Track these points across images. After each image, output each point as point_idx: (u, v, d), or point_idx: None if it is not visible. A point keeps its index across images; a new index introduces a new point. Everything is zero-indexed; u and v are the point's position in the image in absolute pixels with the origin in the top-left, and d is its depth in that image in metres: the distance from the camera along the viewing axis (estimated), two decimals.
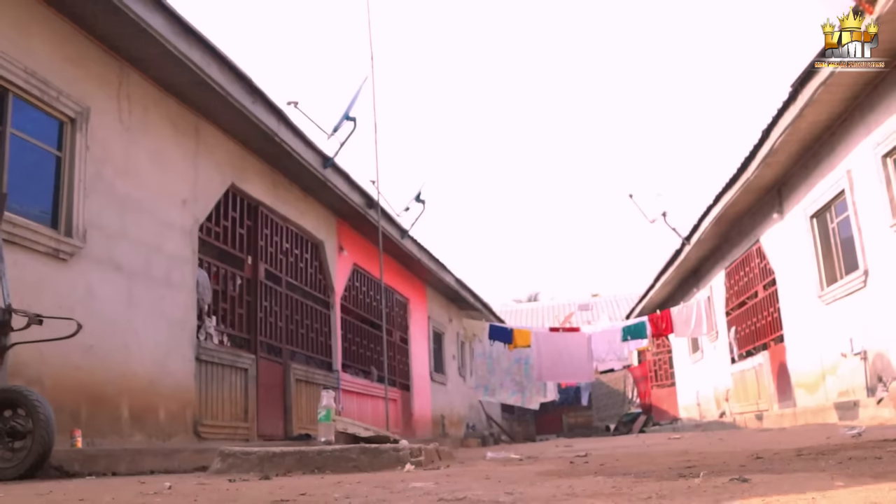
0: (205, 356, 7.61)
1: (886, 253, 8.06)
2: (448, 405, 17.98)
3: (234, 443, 7.33)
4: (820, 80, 7.92)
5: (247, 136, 8.57)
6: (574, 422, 27.84)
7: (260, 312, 9.10)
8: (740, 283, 13.80)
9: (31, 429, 4.12)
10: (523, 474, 2.94)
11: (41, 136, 5.94)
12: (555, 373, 18.51)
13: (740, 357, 13.98)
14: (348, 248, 12.00)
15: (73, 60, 6.23)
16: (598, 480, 2.32)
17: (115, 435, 6.13)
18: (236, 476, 3.82)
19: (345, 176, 10.76)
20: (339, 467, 4.09)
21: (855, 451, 2.58)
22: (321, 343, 10.94)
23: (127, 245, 6.61)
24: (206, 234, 8.06)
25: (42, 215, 5.84)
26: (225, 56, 7.41)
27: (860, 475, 1.88)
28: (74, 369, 5.75)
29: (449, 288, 17.72)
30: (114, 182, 6.55)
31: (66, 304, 5.62)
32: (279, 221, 9.86)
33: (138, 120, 6.97)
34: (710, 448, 4.34)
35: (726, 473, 2.16)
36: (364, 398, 12.01)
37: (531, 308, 37.34)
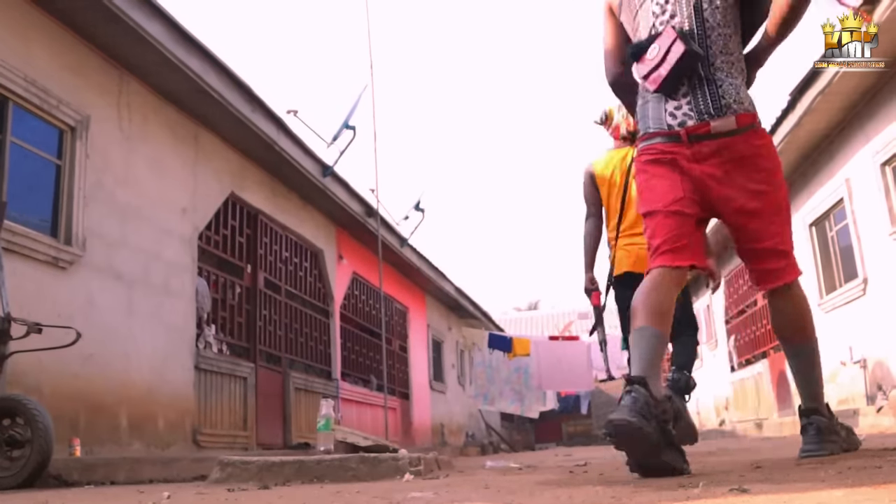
0: (204, 365, 7.60)
1: (886, 261, 8.07)
2: (447, 414, 17.95)
3: (233, 452, 7.32)
4: (818, 88, 7.94)
5: (246, 144, 8.58)
6: (574, 430, 27.79)
7: (259, 321, 9.09)
8: (740, 292, 13.81)
9: (30, 438, 4.11)
10: (523, 484, 2.93)
11: (41, 145, 5.95)
12: (554, 381, 18.49)
13: (740, 365, 13.98)
14: (348, 257, 12.00)
15: (73, 69, 6.24)
16: (597, 490, 2.32)
17: (113, 443, 6.12)
18: (235, 485, 3.81)
19: (344, 185, 10.76)
20: (338, 477, 4.08)
21: (855, 461, 2.58)
22: (320, 352, 10.93)
23: (126, 253, 6.61)
24: (205, 243, 8.07)
25: (42, 224, 5.84)
26: (224, 64, 7.43)
27: (860, 485, 1.88)
28: (73, 378, 5.74)
29: (448, 296, 17.71)
30: (114, 190, 6.55)
31: (65, 313, 5.61)
32: (278, 230, 9.86)
33: (138, 128, 6.98)
34: (709, 457, 4.34)
35: (726, 483, 2.15)
36: (363, 407, 11.99)
37: (531, 317, 37.31)
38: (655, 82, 2.81)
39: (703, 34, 2.81)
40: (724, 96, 2.75)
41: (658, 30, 2.86)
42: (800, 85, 8.24)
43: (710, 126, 2.74)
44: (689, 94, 2.79)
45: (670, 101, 2.82)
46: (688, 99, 2.79)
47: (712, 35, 2.81)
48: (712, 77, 2.78)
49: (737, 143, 2.77)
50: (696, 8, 2.82)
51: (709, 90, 2.77)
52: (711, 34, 2.81)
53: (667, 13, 2.87)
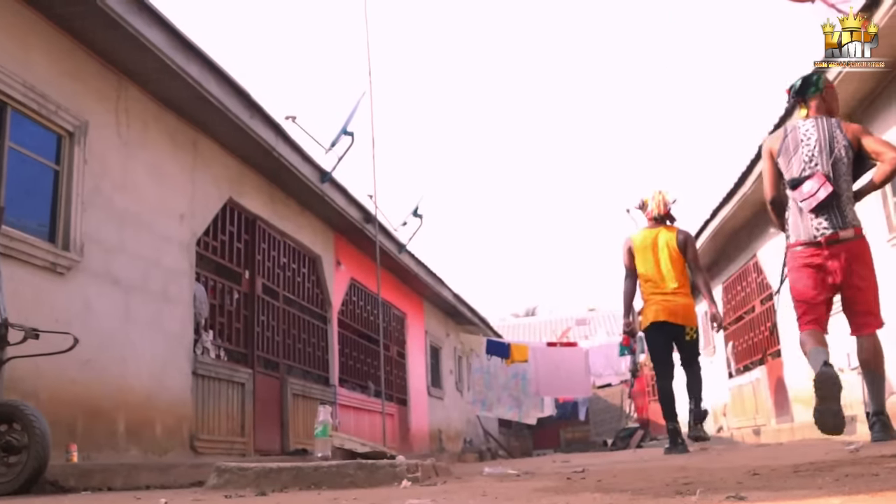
0: (201, 371, 7.59)
1: (884, 268, 8.06)
2: (445, 420, 17.93)
3: (230, 458, 7.30)
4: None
5: (245, 150, 8.58)
6: (571, 437, 27.73)
7: (257, 327, 9.09)
8: (737, 298, 13.80)
9: (27, 443, 4.10)
10: (520, 490, 2.93)
11: (39, 150, 5.95)
12: (552, 388, 18.48)
13: (738, 372, 13.96)
14: (346, 263, 12.00)
15: (72, 74, 6.24)
16: (594, 497, 2.32)
17: (110, 449, 6.11)
18: (232, 492, 3.81)
19: (342, 190, 10.77)
20: (335, 483, 4.07)
21: (852, 468, 2.58)
22: (318, 358, 10.92)
23: (124, 259, 6.60)
24: (203, 249, 8.06)
25: (40, 229, 5.84)
26: (223, 70, 7.43)
27: (857, 492, 1.88)
28: (71, 383, 5.73)
29: (446, 303, 17.70)
30: (112, 196, 6.55)
31: (63, 318, 5.61)
32: (276, 236, 9.86)
33: (136, 134, 6.98)
34: (707, 464, 4.33)
35: (723, 490, 2.15)
36: (361, 413, 11.98)
37: (529, 323, 37.28)
38: (810, 206, 4.63)
39: (836, 179, 4.66)
40: (846, 216, 4.63)
41: (807, 172, 4.70)
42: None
43: (840, 234, 4.59)
44: (827, 214, 4.62)
45: (816, 219, 4.64)
46: (826, 216, 4.62)
47: (839, 181, 4.67)
48: (840, 205, 4.64)
49: (853, 246, 4.62)
50: (833, 164, 4.68)
51: (839, 212, 4.62)
52: (839, 180, 4.67)
53: (813, 161, 4.72)
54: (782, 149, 4.86)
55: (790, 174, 4.78)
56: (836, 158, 4.67)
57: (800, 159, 4.74)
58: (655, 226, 7.02)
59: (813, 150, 4.73)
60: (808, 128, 4.82)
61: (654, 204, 7.01)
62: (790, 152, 4.80)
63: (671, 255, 6.87)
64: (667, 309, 6.71)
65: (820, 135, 4.76)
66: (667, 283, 6.81)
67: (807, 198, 4.60)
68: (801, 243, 4.71)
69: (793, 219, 4.78)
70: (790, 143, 4.83)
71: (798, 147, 4.78)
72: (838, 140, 4.72)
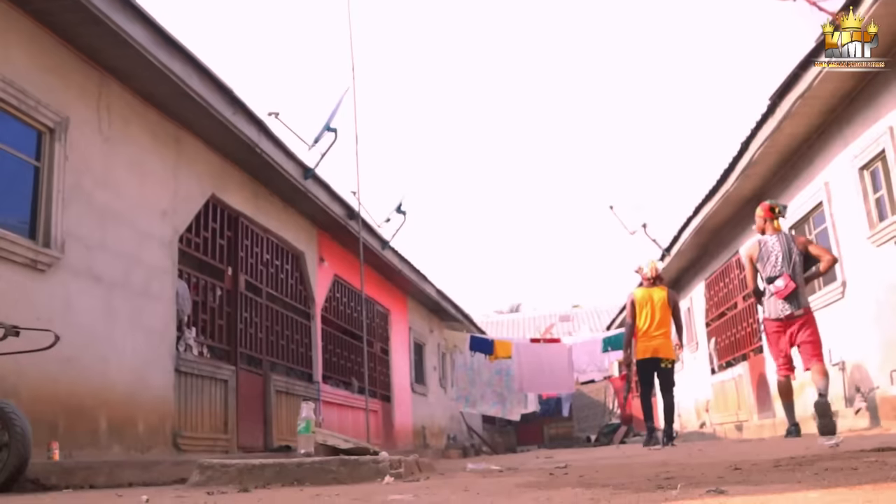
0: (184, 368, 7.56)
1: (864, 264, 8.14)
2: (429, 416, 17.94)
3: (213, 455, 7.28)
4: (798, 92, 8.00)
5: (227, 146, 8.55)
6: (555, 433, 27.84)
7: (240, 324, 9.05)
8: (720, 295, 13.88)
9: (7, 441, 4.07)
10: (502, 486, 2.94)
11: (19, 146, 5.89)
12: (536, 384, 18.55)
13: (720, 368, 14.03)
14: (329, 260, 11.98)
15: (53, 70, 6.19)
16: (576, 492, 2.33)
17: (93, 447, 6.07)
18: (215, 489, 3.80)
19: (326, 187, 10.74)
20: (318, 479, 4.07)
21: (832, 462, 2.60)
22: (302, 354, 10.90)
23: (106, 256, 6.56)
24: (185, 245, 8.02)
25: (20, 226, 5.79)
26: (206, 67, 7.39)
27: (835, 486, 1.90)
28: (52, 381, 5.70)
29: (430, 299, 17.70)
30: (93, 193, 6.50)
31: (43, 316, 5.56)
32: (260, 232, 9.83)
33: (118, 130, 6.93)
34: (689, 459, 4.36)
35: (704, 485, 2.17)
36: (344, 409, 11.97)
37: (512, 319, 37.35)
38: (782, 295, 7.30)
39: (795, 277, 7.29)
40: (801, 301, 7.30)
41: (776, 273, 7.35)
42: (779, 89, 8.29)
43: (794, 314, 7.27)
44: (790, 301, 7.27)
45: (781, 303, 7.31)
46: (789, 301, 7.28)
47: (796, 276, 7.31)
48: (797, 294, 7.28)
49: (804, 319, 7.28)
50: (792, 267, 7.31)
51: (797, 299, 7.28)
52: (796, 276, 7.30)
53: (779, 266, 7.35)
54: (760, 256, 7.52)
55: (766, 273, 7.46)
56: (794, 263, 7.33)
57: (771, 264, 7.42)
58: (651, 285, 9.33)
59: (778, 258, 7.37)
60: (773, 242, 7.47)
61: (649, 269, 9.36)
62: (764, 259, 7.49)
63: (662, 308, 9.12)
64: (651, 348, 9.04)
65: (781, 248, 7.40)
66: (655, 330, 9.09)
67: (778, 290, 7.32)
68: (772, 319, 7.43)
69: (766, 301, 7.52)
70: (763, 252, 7.50)
71: (769, 255, 7.44)
72: (793, 251, 7.37)
